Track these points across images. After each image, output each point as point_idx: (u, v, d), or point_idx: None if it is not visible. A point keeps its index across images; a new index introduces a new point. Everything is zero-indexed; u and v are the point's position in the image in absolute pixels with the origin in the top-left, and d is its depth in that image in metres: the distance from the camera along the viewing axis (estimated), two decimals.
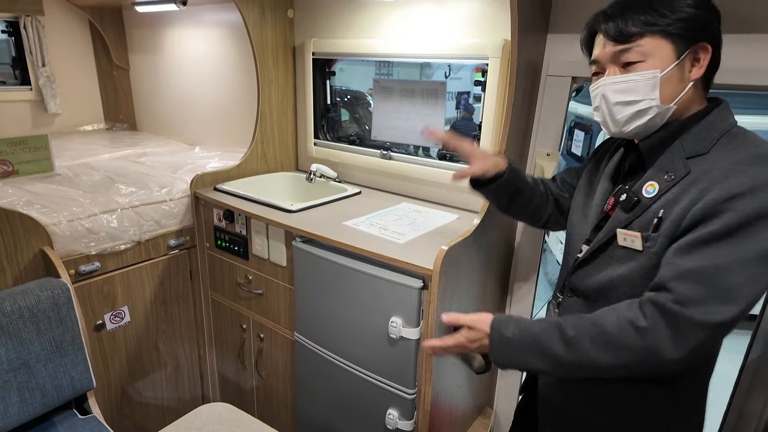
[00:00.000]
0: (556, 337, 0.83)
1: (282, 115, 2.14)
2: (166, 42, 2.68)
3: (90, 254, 1.61)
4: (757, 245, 0.72)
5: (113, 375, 1.80)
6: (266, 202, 1.72)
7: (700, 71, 0.83)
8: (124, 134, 2.92)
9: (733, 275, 0.72)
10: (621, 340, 0.78)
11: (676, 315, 0.74)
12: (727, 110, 0.86)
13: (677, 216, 0.79)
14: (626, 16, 0.83)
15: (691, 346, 0.74)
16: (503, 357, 0.89)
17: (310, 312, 1.57)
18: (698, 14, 0.81)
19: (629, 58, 0.84)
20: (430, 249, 1.33)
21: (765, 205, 0.72)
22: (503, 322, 0.90)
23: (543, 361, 0.85)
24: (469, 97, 1.79)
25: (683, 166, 0.82)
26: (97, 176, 1.96)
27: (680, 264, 0.76)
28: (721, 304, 0.73)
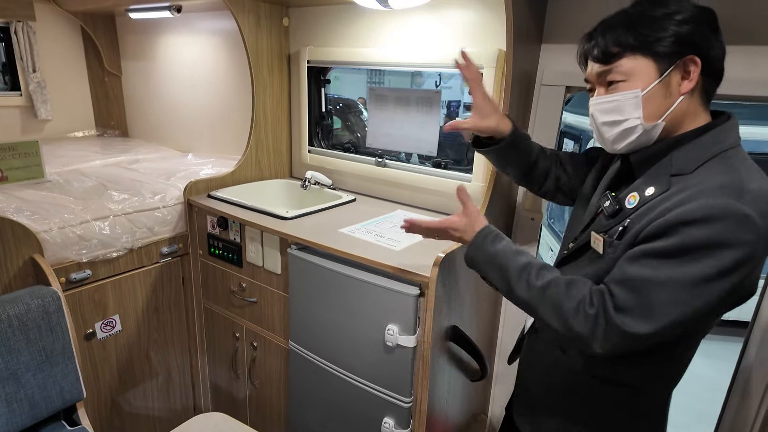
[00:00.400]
0: (524, 279, 0.91)
1: (276, 122, 2.14)
2: (160, 49, 2.67)
3: (81, 262, 1.59)
4: (693, 272, 0.74)
5: (103, 385, 1.77)
6: (261, 209, 1.71)
7: (690, 84, 0.82)
8: (115, 141, 2.90)
9: (662, 293, 0.76)
10: (571, 315, 0.84)
11: (610, 318, 0.80)
12: (728, 131, 0.83)
13: (640, 228, 0.81)
14: (606, 37, 0.85)
15: (611, 346, 0.81)
16: (474, 260, 1.02)
17: (305, 320, 1.55)
18: (680, 31, 0.80)
19: (612, 78, 0.86)
20: (426, 256, 1.33)
21: (712, 238, 0.73)
22: (493, 234, 1.01)
23: (502, 282, 0.96)
24: (459, 106, 1.81)
25: (666, 183, 0.83)
26: (89, 183, 1.94)
27: (625, 270, 0.81)
28: (643, 319, 0.77)
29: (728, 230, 0.72)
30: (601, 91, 0.89)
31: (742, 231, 0.72)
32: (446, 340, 1.37)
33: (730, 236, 0.72)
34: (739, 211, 0.72)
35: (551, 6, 1.45)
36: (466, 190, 1.07)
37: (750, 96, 1.20)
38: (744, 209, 0.72)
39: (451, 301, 1.35)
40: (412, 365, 1.32)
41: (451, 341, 1.39)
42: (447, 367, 1.43)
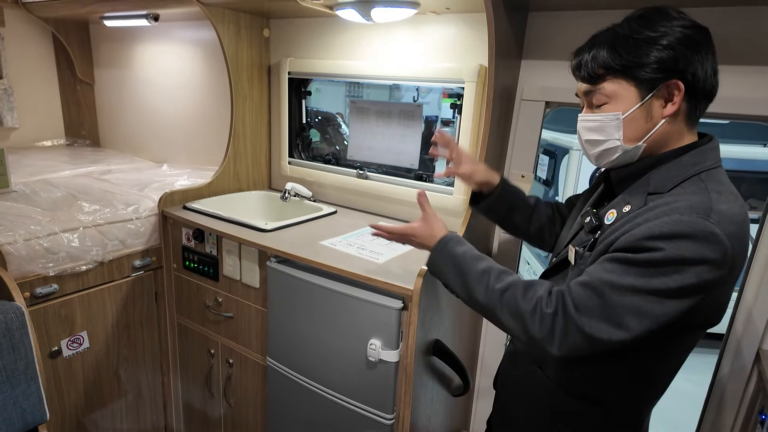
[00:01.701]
0: (483, 282, 0.93)
1: (256, 133, 2.11)
2: (135, 57, 2.61)
3: (48, 275, 1.51)
4: (656, 284, 0.75)
5: (68, 406, 1.68)
6: (239, 221, 1.67)
7: (673, 108, 0.82)
8: (86, 150, 2.80)
9: (623, 299, 0.77)
10: (527, 317, 0.85)
11: (570, 317, 0.81)
12: (707, 152, 0.84)
13: (610, 241, 0.82)
14: (591, 57, 0.86)
15: (569, 348, 0.81)
16: (435, 265, 1.04)
17: (284, 335, 1.51)
18: (663, 56, 0.79)
19: (596, 99, 0.88)
20: (409, 269, 1.32)
21: (679, 253, 0.73)
22: (455, 239, 1.02)
23: (461, 288, 0.97)
24: (437, 121, 1.82)
25: (642, 201, 0.84)
26: (57, 193, 1.86)
27: (590, 272, 0.82)
28: (603, 322, 0.78)
29: (695, 247, 0.73)
30: (587, 108, 0.91)
31: (708, 249, 0.73)
32: (429, 354, 1.35)
33: (696, 253, 0.73)
34: (706, 228, 0.73)
35: (531, 22, 1.48)
36: (425, 195, 1.13)
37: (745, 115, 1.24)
38: (711, 227, 0.73)
39: (434, 314, 1.33)
40: (394, 381, 1.29)
41: (433, 355, 1.37)
42: (430, 382, 1.40)
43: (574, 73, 0.91)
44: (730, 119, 1.32)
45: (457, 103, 1.65)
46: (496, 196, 1.21)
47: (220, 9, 1.84)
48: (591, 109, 0.90)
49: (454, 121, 1.74)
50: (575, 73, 0.91)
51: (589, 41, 0.89)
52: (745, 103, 1.22)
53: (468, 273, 0.95)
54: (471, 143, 1.60)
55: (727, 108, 1.23)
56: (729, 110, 1.23)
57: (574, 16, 1.41)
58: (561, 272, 1.00)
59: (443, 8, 1.56)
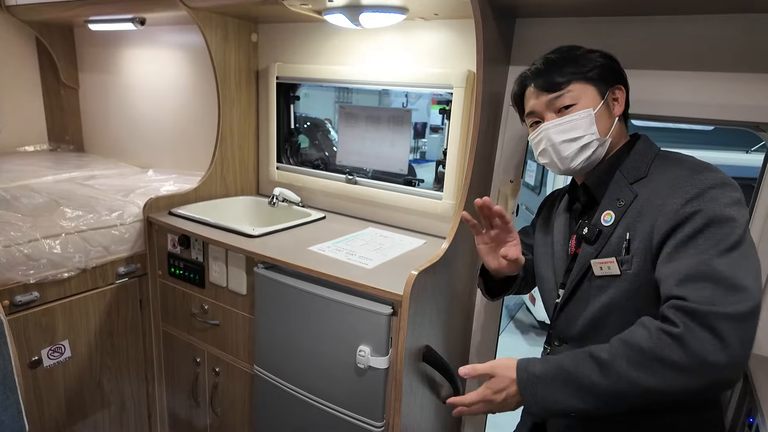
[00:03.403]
0: (589, 364, 0.77)
1: (243, 138, 2.09)
2: (121, 62, 2.58)
3: (28, 283, 1.47)
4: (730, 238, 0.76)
5: (48, 417, 1.63)
6: (226, 226, 1.65)
7: (621, 108, 0.99)
8: (69, 156, 2.75)
9: (725, 265, 0.74)
10: (660, 352, 0.71)
11: (703, 312, 0.70)
12: (648, 141, 0.99)
13: (644, 234, 0.85)
14: (552, 70, 0.98)
15: (733, 343, 0.69)
16: (535, 399, 0.82)
17: (272, 343, 1.49)
18: (604, 63, 0.98)
19: (563, 103, 0.97)
20: (399, 274, 1.31)
21: (717, 205, 0.79)
22: (529, 361, 0.85)
23: (579, 395, 0.77)
24: (425, 127, 1.82)
25: (630, 191, 0.91)
26: (39, 199, 1.82)
27: (674, 271, 0.77)
28: (732, 295, 0.71)
29: (725, 193, 0.80)
30: (552, 116, 0.99)
31: (733, 191, 0.81)
32: (419, 360, 1.34)
33: (729, 198, 0.80)
34: (719, 175, 0.83)
35: (519, 28, 1.49)
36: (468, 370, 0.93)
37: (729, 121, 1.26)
38: (722, 174, 0.83)
39: (424, 319, 1.32)
40: (384, 388, 1.28)
41: (424, 361, 1.36)
42: (420, 389, 1.39)
43: (536, 89, 1.00)
44: (715, 125, 1.34)
45: (446, 109, 1.66)
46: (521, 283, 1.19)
47: (207, 13, 1.83)
48: (554, 115, 0.98)
49: (443, 127, 1.75)
50: (537, 89, 1.00)
51: (541, 63, 1.01)
52: (729, 109, 1.24)
53: (575, 376, 0.78)
54: (459, 148, 1.60)
55: (711, 114, 1.25)
56: (714, 116, 1.25)
57: (561, 22, 1.42)
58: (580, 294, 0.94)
59: (432, 14, 1.56)
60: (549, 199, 1.24)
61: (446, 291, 1.45)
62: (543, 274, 1.11)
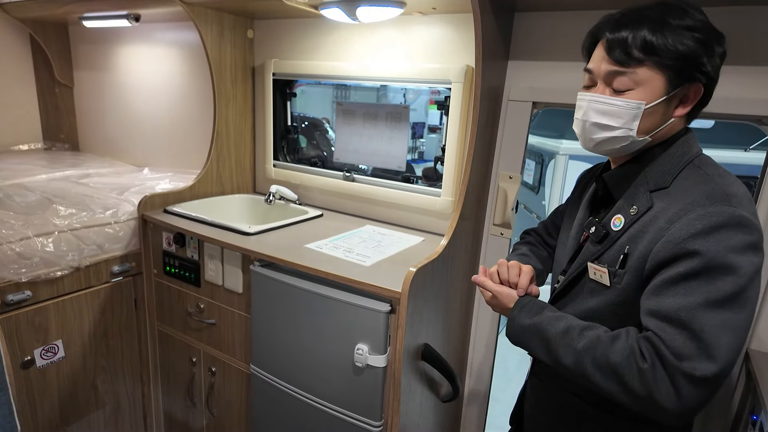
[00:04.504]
0: (564, 342, 0.84)
1: (240, 135, 2.07)
2: (116, 59, 2.56)
3: (20, 282, 1.45)
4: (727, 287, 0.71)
5: (42, 418, 1.60)
6: (222, 224, 1.62)
7: (685, 109, 0.82)
8: (64, 155, 2.73)
9: (705, 318, 0.71)
10: (622, 372, 0.76)
11: (669, 362, 0.72)
12: (689, 142, 0.85)
13: (641, 253, 0.79)
14: (635, 36, 0.79)
15: (686, 398, 0.71)
16: (513, 335, 0.94)
17: (268, 342, 1.47)
18: (699, 51, 0.77)
19: (621, 83, 0.82)
20: (397, 271, 1.29)
21: (726, 247, 0.71)
22: (523, 307, 0.93)
23: (547, 355, 0.87)
24: (424, 128, 1.80)
25: (647, 200, 0.82)
26: (32, 197, 1.79)
27: (658, 306, 0.75)
28: (701, 355, 0.71)
29: (734, 234, 0.72)
30: (603, 89, 0.84)
31: (746, 232, 0.72)
32: (418, 359, 1.32)
33: (739, 240, 0.72)
34: (734, 214, 0.73)
35: (518, 23, 1.47)
36: (476, 278, 1.02)
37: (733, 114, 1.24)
38: (738, 212, 0.73)
39: (422, 317, 1.30)
40: (382, 387, 1.26)
41: (422, 360, 1.34)
42: (418, 388, 1.37)
43: (606, 49, 0.83)
44: (718, 119, 1.32)
45: (445, 104, 1.64)
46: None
47: (202, 9, 1.81)
48: (607, 90, 0.83)
49: (441, 127, 1.73)
50: (606, 50, 0.82)
51: (631, 14, 0.81)
52: (731, 102, 1.23)
53: (549, 337, 0.86)
54: (458, 144, 1.59)
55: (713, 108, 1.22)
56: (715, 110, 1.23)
57: (561, 16, 1.40)
58: (574, 291, 0.94)
59: (429, 8, 1.54)
60: (585, 178, 1.12)
61: (445, 288, 1.43)
62: (557, 255, 1.07)
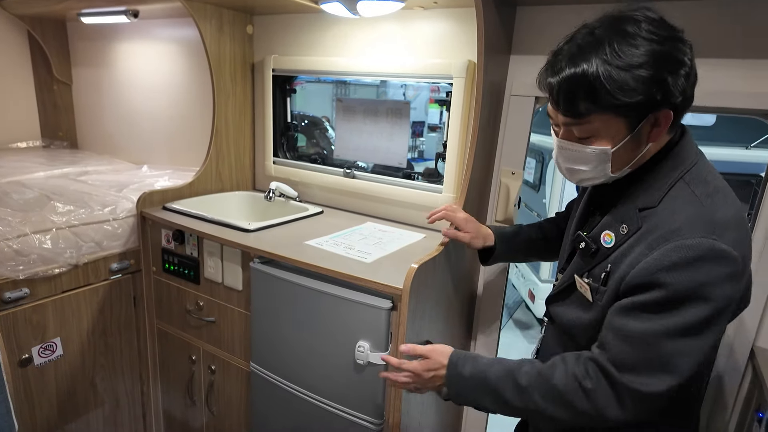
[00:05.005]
0: (510, 385, 0.86)
1: (239, 132, 2.05)
2: (114, 56, 2.54)
3: (18, 279, 1.43)
4: (688, 318, 0.72)
5: (40, 417, 1.59)
6: (221, 221, 1.61)
7: (660, 133, 0.78)
8: (63, 152, 2.71)
9: (665, 345, 0.73)
10: (568, 397, 0.80)
11: (614, 379, 0.77)
12: (680, 154, 0.81)
13: (620, 275, 0.79)
14: (572, 92, 0.76)
15: (632, 410, 0.77)
16: (456, 392, 0.93)
17: (269, 339, 1.46)
18: (651, 86, 0.72)
19: (581, 132, 0.80)
20: (398, 268, 1.27)
21: (696, 281, 0.71)
22: (461, 359, 0.93)
23: (495, 404, 0.88)
24: (424, 127, 1.78)
25: (637, 220, 0.80)
26: (30, 194, 1.78)
27: (619, 326, 0.77)
28: (652, 375, 0.74)
29: (709, 269, 0.71)
30: (566, 134, 0.83)
31: (722, 267, 0.71)
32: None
33: (712, 275, 0.71)
34: (713, 248, 0.71)
35: (520, 17, 1.46)
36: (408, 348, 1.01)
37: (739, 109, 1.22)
38: (717, 245, 0.71)
39: (424, 314, 1.29)
40: (384, 385, 1.24)
41: None
42: None
43: (554, 102, 0.81)
44: (722, 113, 1.31)
45: (446, 100, 1.62)
46: (498, 256, 1.24)
47: (201, 4, 1.79)
48: (571, 137, 0.82)
49: (441, 126, 1.72)
50: (554, 104, 0.81)
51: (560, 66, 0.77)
52: (737, 96, 1.21)
53: (493, 385, 0.87)
54: (460, 140, 1.57)
55: (718, 102, 1.22)
56: (720, 104, 1.22)
57: (564, 10, 1.39)
58: (569, 297, 0.93)
59: (431, 2, 1.53)
60: None
61: (447, 285, 1.42)
62: (561, 249, 1.07)
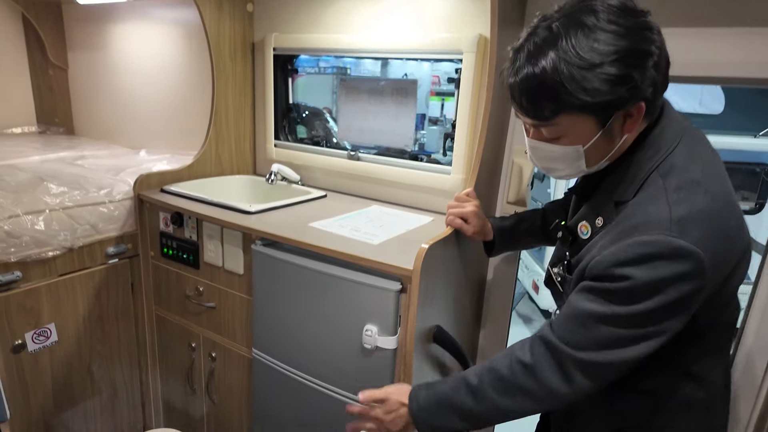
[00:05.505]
0: (463, 390, 0.85)
1: (239, 114, 1.99)
2: (111, 39, 2.47)
3: (9, 262, 1.38)
4: (640, 308, 0.72)
5: (35, 405, 1.54)
6: (221, 203, 1.55)
7: (634, 123, 0.75)
8: (59, 138, 2.64)
9: (611, 330, 0.74)
10: (514, 381, 0.80)
11: (557, 349, 0.77)
12: (659, 140, 0.77)
13: (584, 265, 0.79)
14: (533, 93, 0.73)
15: (578, 381, 0.76)
16: (425, 424, 0.90)
17: (272, 324, 1.40)
18: (616, 85, 0.68)
19: (549, 133, 0.78)
20: (407, 250, 1.21)
21: (651, 278, 0.70)
22: (416, 390, 0.92)
23: (459, 418, 0.86)
24: (424, 119, 1.72)
25: (611, 212, 0.80)
26: (23, 176, 1.72)
27: (572, 302, 0.78)
28: (594, 351, 0.75)
29: (664, 266, 0.69)
30: (536, 134, 0.80)
31: (678, 264, 0.69)
32: (429, 341, 1.25)
33: (667, 271, 0.69)
34: (670, 245, 0.69)
35: None
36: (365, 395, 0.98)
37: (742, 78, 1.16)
38: (675, 242, 0.69)
39: (434, 298, 1.23)
40: (392, 370, 1.19)
41: (434, 342, 1.27)
42: (430, 373, 1.30)
43: (517, 105, 0.77)
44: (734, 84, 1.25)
45: (455, 78, 1.56)
46: (498, 249, 1.22)
47: None
48: (541, 137, 0.79)
49: (442, 119, 1.67)
50: (511, 101, 0.78)
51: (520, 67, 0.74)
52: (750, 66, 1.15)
53: (452, 401, 0.87)
54: (470, 119, 1.51)
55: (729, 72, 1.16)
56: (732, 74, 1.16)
57: None
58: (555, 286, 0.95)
59: None
60: None
61: (457, 269, 1.36)
62: None
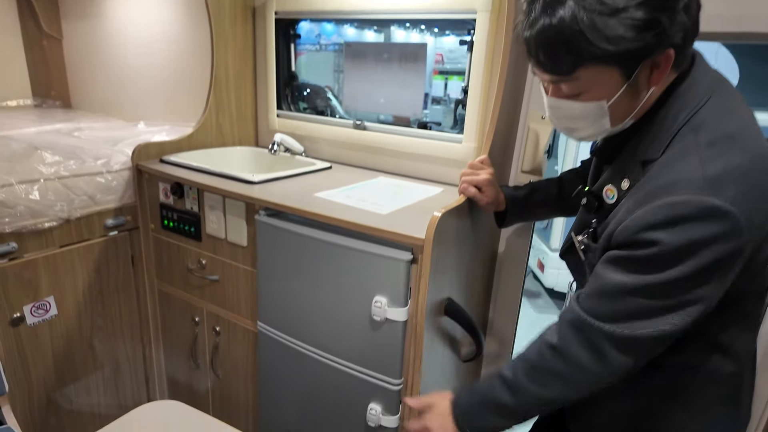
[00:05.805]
0: (499, 385, 0.82)
1: (240, 82, 1.91)
2: (106, 7, 2.37)
3: (4, 232, 1.33)
4: (673, 274, 0.66)
5: (36, 379, 1.51)
6: (222, 173, 1.49)
7: (661, 75, 0.69)
8: (55, 111, 2.57)
9: (642, 299, 0.69)
10: (544, 365, 0.77)
11: (585, 323, 0.73)
12: (690, 92, 0.71)
13: (610, 230, 0.74)
14: (550, 46, 0.68)
15: (611, 357, 0.72)
16: (471, 425, 0.86)
17: (277, 297, 1.36)
18: (643, 34, 0.63)
19: (569, 89, 0.73)
20: (417, 220, 1.16)
21: (684, 240, 0.65)
22: (459, 397, 0.88)
23: (502, 415, 0.83)
24: (428, 99, 1.65)
25: (638, 173, 0.74)
26: (16, 146, 1.65)
27: (601, 275, 0.74)
28: (626, 323, 0.71)
29: (698, 227, 0.64)
30: (556, 91, 0.75)
31: (713, 225, 0.64)
32: (440, 313, 1.21)
33: (702, 233, 0.64)
34: (702, 204, 0.64)
35: None
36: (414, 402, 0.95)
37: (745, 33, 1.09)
38: (708, 201, 0.63)
39: (446, 269, 1.18)
40: (402, 342, 1.15)
41: (445, 315, 1.22)
42: (440, 346, 1.27)
43: (535, 61, 0.72)
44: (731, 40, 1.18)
45: (467, 40, 1.48)
46: (510, 220, 1.19)
47: None
48: (561, 94, 0.74)
49: (446, 99, 1.60)
50: (535, 62, 0.72)
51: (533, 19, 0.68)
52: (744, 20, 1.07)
53: (493, 400, 0.83)
54: (483, 83, 1.43)
55: None
56: None
57: None
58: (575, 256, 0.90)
59: None
60: None
61: (469, 240, 1.31)
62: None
